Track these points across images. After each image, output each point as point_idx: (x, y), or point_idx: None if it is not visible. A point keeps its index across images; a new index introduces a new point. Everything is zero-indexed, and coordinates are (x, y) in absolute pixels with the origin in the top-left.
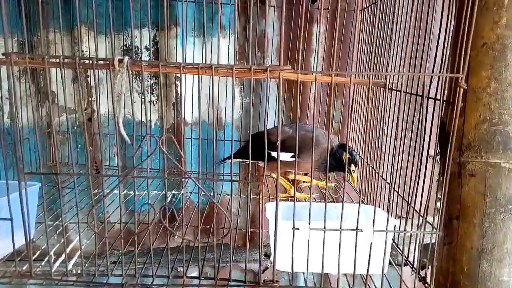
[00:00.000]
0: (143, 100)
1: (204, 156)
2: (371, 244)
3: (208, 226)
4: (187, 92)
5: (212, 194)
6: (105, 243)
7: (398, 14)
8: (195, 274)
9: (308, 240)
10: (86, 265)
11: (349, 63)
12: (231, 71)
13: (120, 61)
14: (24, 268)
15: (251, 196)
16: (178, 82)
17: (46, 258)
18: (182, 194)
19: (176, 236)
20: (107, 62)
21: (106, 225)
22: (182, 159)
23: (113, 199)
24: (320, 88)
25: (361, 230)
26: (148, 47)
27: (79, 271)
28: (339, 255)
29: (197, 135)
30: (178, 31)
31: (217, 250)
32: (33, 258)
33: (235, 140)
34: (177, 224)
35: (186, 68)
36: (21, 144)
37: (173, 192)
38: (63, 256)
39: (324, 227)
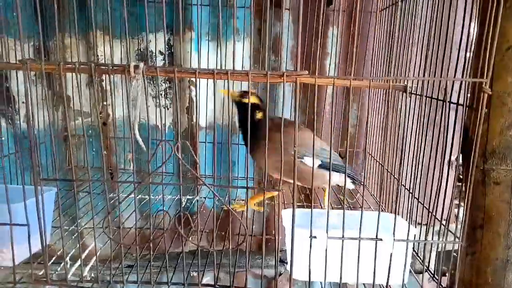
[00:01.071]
0: (157, 104)
1: (218, 160)
2: (391, 254)
3: (223, 232)
4: (201, 96)
5: (226, 200)
6: (121, 248)
7: (418, 16)
8: (209, 279)
9: (326, 249)
10: (102, 270)
11: (366, 66)
12: (247, 76)
13: (136, 67)
14: (40, 273)
15: (266, 201)
16: (192, 87)
17: (63, 264)
18: (197, 200)
19: (190, 241)
20: (123, 67)
21: (121, 231)
22: (197, 164)
23: (129, 203)
24: (337, 91)
25: (381, 239)
26: (162, 51)
27: (92, 276)
28: (358, 264)
29: (210, 138)
30: (192, 35)
31: (231, 256)
32: (50, 262)
33: (241, 144)
34: (191, 229)
35: (202, 74)
36: (37, 149)
37: (188, 196)
38: (79, 261)
39: (343, 236)
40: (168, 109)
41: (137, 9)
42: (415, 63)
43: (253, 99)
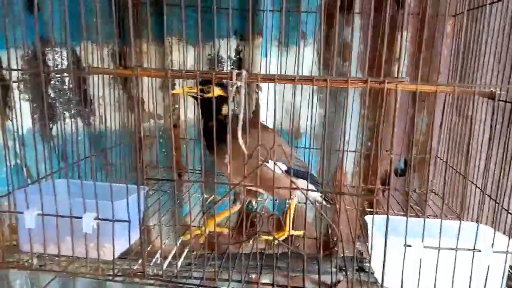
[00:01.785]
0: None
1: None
2: (488, 266)
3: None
4: (266, 99)
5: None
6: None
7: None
8: (267, 281)
9: (421, 259)
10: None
11: (436, 71)
12: (346, 83)
13: (239, 74)
14: (135, 267)
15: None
16: (259, 91)
17: (154, 259)
18: (259, 201)
19: (250, 242)
20: (226, 74)
21: (215, 232)
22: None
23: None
24: (407, 97)
25: (479, 251)
26: (231, 56)
27: (158, 272)
28: (453, 277)
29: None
30: (262, 40)
31: (288, 259)
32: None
33: (312, 148)
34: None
35: (301, 80)
36: (142, 150)
37: (259, 198)
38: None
39: (439, 246)
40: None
41: (209, 15)
42: (487, 69)
43: (217, 91)
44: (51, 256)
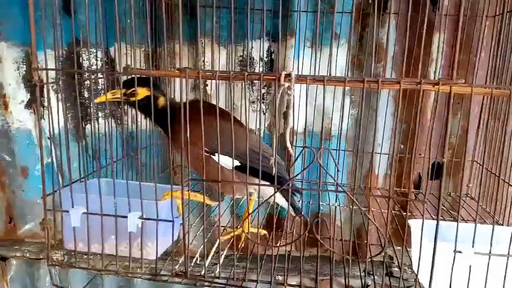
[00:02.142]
0: (253, 109)
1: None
2: None
3: (311, 236)
4: (297, 101)
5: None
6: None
7: None
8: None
9: (470, 266)
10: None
11: (472, 73)
12: (398, 84)
13: (287, 75)
14: (176, 267)
15: (356, 208)
16: (289, 92)
17: (194, 259)
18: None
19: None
20: (274, 76)
21: (253, 234)
22: (339, 171)
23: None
24: (444, 99)
25: None
26: (262, 57)
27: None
28: (504, 284)
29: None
30: (294, 41)
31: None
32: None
33: (342, 150)
34: (283, 232)
35: (351, 82)
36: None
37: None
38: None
39: (490, 252)
40: (264, 113)
41: (241, 16)
42: None
43: (143, 92)
44: (84, 254)
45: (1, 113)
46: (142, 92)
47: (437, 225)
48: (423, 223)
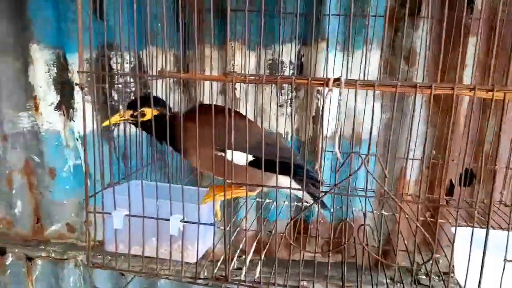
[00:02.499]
0: (282, 113)
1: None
2: None
3: (338, 239)
4: (327, 106)
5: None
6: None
7: None
8: None
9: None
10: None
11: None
12: (452, 90)
13: (336, 79)
14: (215, 271)
15: (387, 213)
16: (319, 95)
17: (232, 263)
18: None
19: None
20: (322, 80)
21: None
22: (386, 178)
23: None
24: (480, 104)
25: None
26: (292, 61)
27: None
28: None
29: (333, 148)
30: (325, 45)
31: (341, 269)
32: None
33: (373, 155)
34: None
35: (403, 86)
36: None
37: (306, 204)
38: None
39: None
40: (292, 118)
41: (271, 20)
42: None
43: (149, 114)
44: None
45: (32, 114)
46: (149, 112)
47: (487, 233)
48: (472, 231)
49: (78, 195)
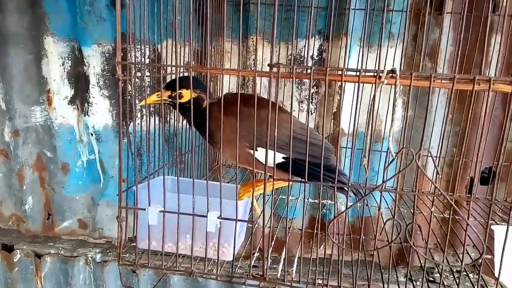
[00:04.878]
0: (301, 109)
1: (357, 166)
2: None
3: (358, 236)
4: (347, 102)
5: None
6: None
7: None
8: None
9: None
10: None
11: None
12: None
13: (392, 71)
14: (252, 270)
15: (405, 211)
16: (340, 91)
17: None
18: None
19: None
20: (375, 74)
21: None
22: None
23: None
24: (502, 101)
25: None
26: (313, 56)
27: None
28: None
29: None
30: (346, 40)
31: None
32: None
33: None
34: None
35: (459, 81)
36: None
37: (324, 202)
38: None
39: None
40: (312, 113)
41: (293, 14)
42: None
43: (188, 94)
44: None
45: (45, 108)
46: (187, 94)
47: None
48: (507, 229)
49: (91, 191)
